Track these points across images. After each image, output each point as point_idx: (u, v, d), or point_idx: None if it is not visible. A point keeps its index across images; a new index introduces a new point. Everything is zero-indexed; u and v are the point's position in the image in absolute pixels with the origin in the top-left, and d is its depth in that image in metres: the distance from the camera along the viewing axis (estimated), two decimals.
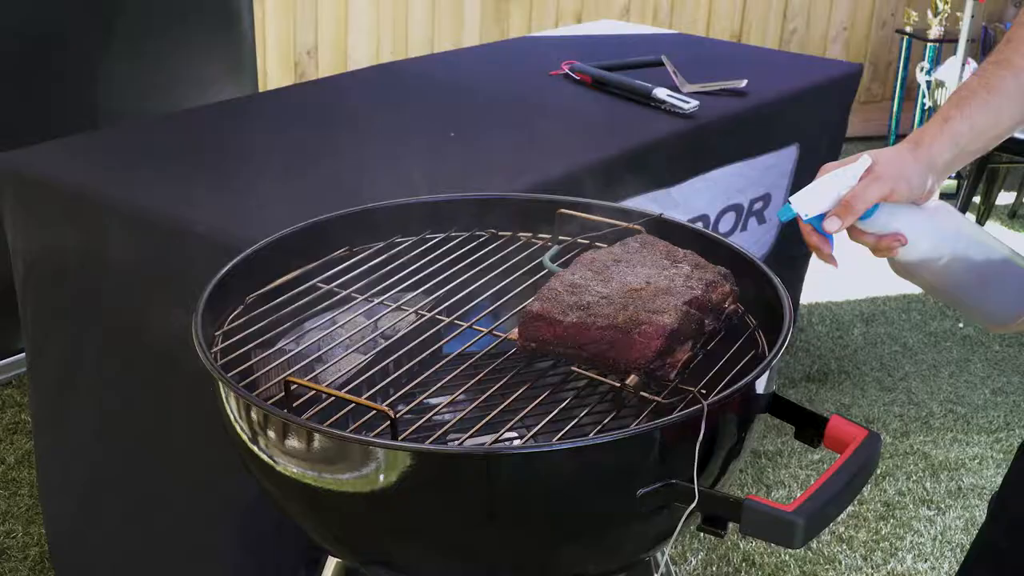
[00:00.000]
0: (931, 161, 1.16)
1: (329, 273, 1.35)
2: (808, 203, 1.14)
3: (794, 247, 2.64)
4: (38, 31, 2.48)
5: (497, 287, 1.35)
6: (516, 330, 1.19)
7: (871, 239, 1.17)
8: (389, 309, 1.30)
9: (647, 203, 2.03)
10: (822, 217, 1.14)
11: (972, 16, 3.81)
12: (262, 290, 1.31)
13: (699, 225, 2.21)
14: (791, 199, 1.15)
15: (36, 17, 2.48)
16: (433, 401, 1.22)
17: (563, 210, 1.42)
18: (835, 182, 1.14)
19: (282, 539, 1.62)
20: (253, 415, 1.07)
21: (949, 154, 1.16)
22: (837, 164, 1.16)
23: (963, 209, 3.83)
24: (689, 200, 2.20)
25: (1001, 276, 1.23)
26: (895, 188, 1.13)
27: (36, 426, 2.03)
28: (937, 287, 1.23)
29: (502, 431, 1.09)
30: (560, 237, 1.43)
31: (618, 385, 1.12)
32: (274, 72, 3.88)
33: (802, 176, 2.48)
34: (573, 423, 1.10)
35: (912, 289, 1.40)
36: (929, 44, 4.35)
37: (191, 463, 1.75)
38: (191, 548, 1.84)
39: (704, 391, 1.09)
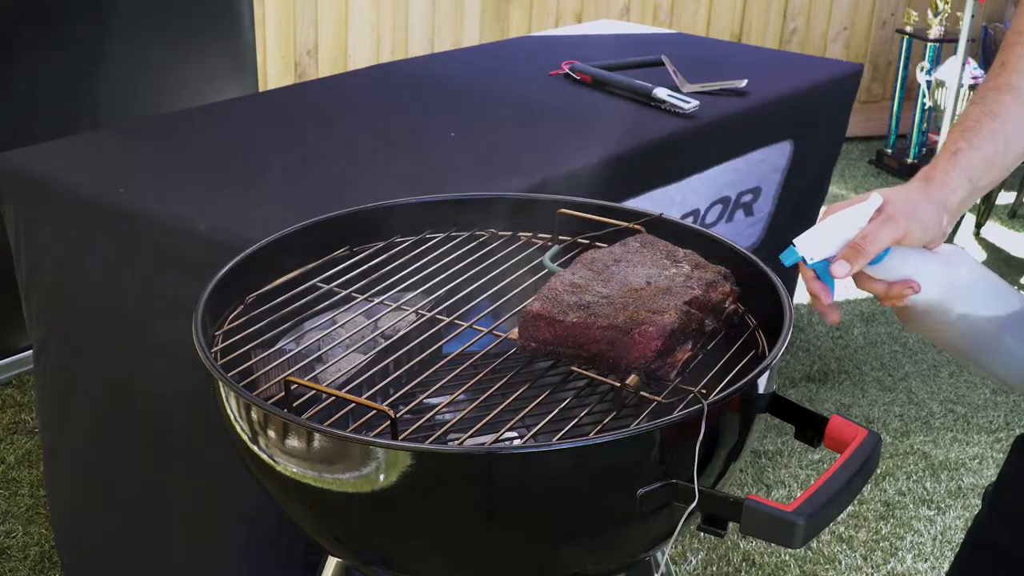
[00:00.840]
0: (945, 199, 1.08)
1: (329, 273, 1.35)
2: (813, 246, 1.07)
3: (783, 242, 2.64)
4: (38, 30, 2.48)
5: (497, 287, 1.35)
6: (516, 330, 1.19)
7: (881, 286, 1.10)
8: (389, 309, 1.30)
9: (645, 202, 2.03)
10: (827, 262, 1.07)
11: (972, 16, 3.81)
12: (262, 290, 1.31)
13: (690, 219, 2.22)
14: (795, 241, 1.08)
15: (36, 16, 2.48)
16: (433, 401, 1.22)
17: (563, 210, 1.42)
18: (843, 223, 1.06)
19: (283, 539, 1.62)
20: (253, 415, 1.07)
21: (963, 190, 1.09)
22: (844, 204, 1.09)
23: None
24: (686, 197, 2.20)
25: (1021, 329, 1.12)
26: (909, 230, 1.06)
27: (41, 424, 2.03)
28: (951, 341, 1.14)
29: (502, 431, 1.09)
30: (560, 237, 1.43)
31: (618, 385, 1.12)
32: (274, 72, 3.88)
33: (796, 173, 2.48)
34: (573, 423, 1.10)
35: None
36: (929, 44, 4.35)
37: (192, 463, 1.75)
38: (193, 546, 1.84)
39: (704, 391, 1.09)
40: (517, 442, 1.27)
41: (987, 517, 1.43)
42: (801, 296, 3.05)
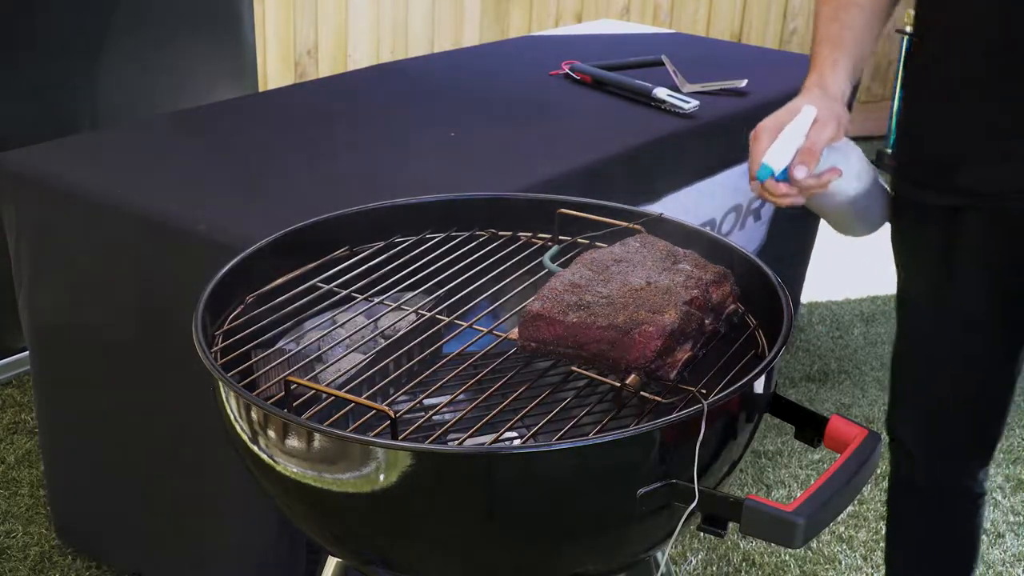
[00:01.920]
0: (842, 101, 1.36)
1: (329, 273, 1.35)
2: (777, 160, 1.27)
3: (787, 243, 2.64)
4: (38, 31, 2.48)
5: (497, 287, 1.35)
6: (516, 330, 1.19)
7: (812, 179, 1.29)
8: (389, 309, 1.30)
9: (657, 209, 2.02)
10: (787, 169, 1.27)
11: None
12: (262, 290, 1.31)
13: (706, 229, 2.22)
14: (765, 159, 1.27)
15: (36, 17, 2.48)
16: (433, 401, 1.22)
17: (563, 210, 1.42)
18: (792, 136, 1.27)
19: (283, 539, 1.62)
20: (253, 415, 1.07)
21: (847, 90, 1.37)
22: (774, 120, 1.30)
23: None
24: (699, 205, 2.20)
25: (876, 192, 1.42)
26: (837, 130, 1.31)
27: (40, 424, 2.04)
28: (839, 211, 1.40)
29: (502, 431, 1.09)
30: (560, 237, 1.43)
31: (618, 385, 1.12)
32: (274, 72, 3.88)
33: None
34: (573, 423, 1.10)
35: None
36: None
37: (192, 462, 1.75)
38: (193, 546, 1.84)
39: (704, 391, 1.09)
40: (517, 442, 1.27)
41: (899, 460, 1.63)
42: (803, 296, 3.05)
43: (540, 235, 1.46)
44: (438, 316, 1.28)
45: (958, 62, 1.38)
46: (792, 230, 2.67)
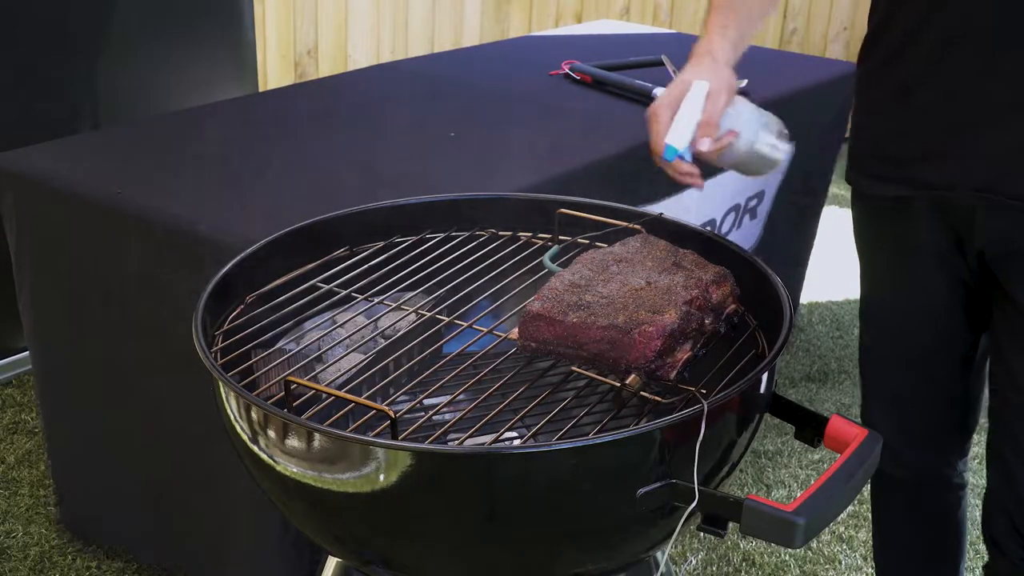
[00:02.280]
0: (728, 65, 1.41)
1: (329, 273, 1.35)
2: (679, 138, 1.33)
3: (786, 242, 2.64)
4: (38, 31, 2.49)
5: (497, 287, 1.35)
6: (516, 330, 1.19)
7: (713, 145, 1.35)
8: (389, 309, 1.30)
9: (657, 209, 2.02)
10: (689, 145, 1.34)
11: None
12: (262, 290, 1.31)
13: (707, 228, 2.22)
14: (668, 140, 1.33)
15: (36, 17, 2.48)
16: (433, 401, 1.22)
17: (563, 210, 1.42)
18: (689, 112, 1.33)
19: (284, 540, 1.62)
20: (253, 415, 1.07)
21: (734, 56, 1.42)
22: (670, 97, 1.34)
23: None
24: (699, 205, 2.20)
25: (770, 135, 1.44)
26: (728, 96, 1.37)
27: (43, 425, 2.04)
28: (741, 161, 1.44)
29: (502, 431, 1.09)
30: (560, 237, 1.43)
31: (618, 385, 1.12)
32: (274, 72, 3.88)
33: (795, 173, 2.49)
34: (573, 423, 1.10)
35: None
36: None
37: (192, 463, 1.75)
38: (192, 546, 1.84)
39: (704, 391, 1.09)
40: (517, 442, 1.27)
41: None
42: (803, 296, 3.05)
43: (540, 235, 1.46)
44: (438, 316, 1.28)
45: (912, 60, 1.39)
46: (791, 230, 2.67)
